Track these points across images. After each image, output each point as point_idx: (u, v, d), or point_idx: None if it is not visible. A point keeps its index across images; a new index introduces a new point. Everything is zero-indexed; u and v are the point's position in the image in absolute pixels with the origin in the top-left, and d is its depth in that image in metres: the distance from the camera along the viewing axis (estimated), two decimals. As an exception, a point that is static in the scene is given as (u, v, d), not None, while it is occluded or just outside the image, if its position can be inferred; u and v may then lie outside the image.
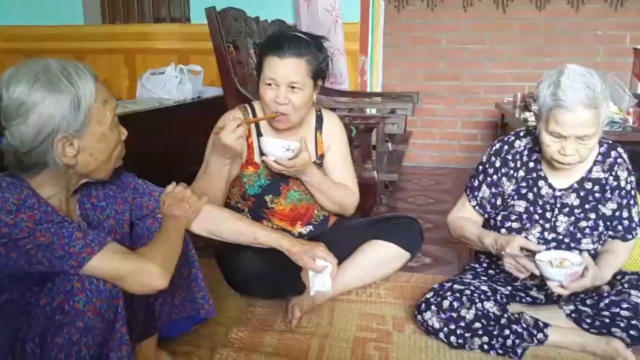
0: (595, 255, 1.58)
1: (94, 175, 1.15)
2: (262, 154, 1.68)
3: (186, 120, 3.16)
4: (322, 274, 1.47)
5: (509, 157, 1.66)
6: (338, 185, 1.85)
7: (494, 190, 1.68)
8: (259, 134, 1.77)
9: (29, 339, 1.03)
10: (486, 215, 1.73)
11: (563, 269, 1.44)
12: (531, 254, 1.50)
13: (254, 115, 1.79)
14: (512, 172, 1.65)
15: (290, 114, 1.66)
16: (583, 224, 1.59)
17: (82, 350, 1.01)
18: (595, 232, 1.59)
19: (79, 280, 1.02)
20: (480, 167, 1.71)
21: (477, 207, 1.72)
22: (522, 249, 1.51)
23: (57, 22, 4.23)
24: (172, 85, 3.28)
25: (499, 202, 1.68)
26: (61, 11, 4.23)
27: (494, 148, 1.70)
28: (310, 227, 1.87)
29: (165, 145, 2.91)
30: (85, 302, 1.02)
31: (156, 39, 4.17)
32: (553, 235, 1.60)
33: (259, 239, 1.47)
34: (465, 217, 1.74)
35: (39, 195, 1.07)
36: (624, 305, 1.50)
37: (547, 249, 1.57)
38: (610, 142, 1.64)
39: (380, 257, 1.90)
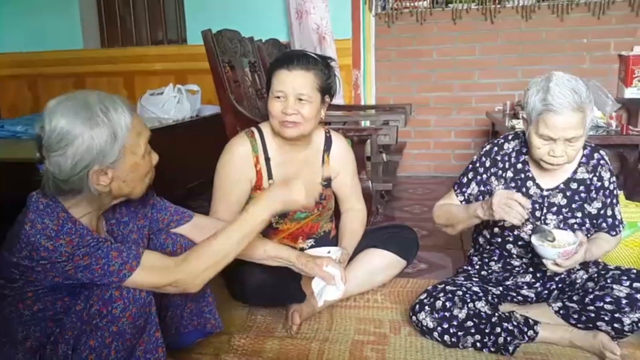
0: None
1: (131, 196, 1.23)
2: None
3: (185, 138, 3.24)
4: (331, 285, 1.56)
5: (498, 157, 1.73)
6: (353, 236, 1.95)
7: (482, 188, 1.74)
8: (267, 159, 1.82)
9: (63, 341, 1.10)
10: None
11: (557, 248, 1.50)
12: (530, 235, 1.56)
13: (262, 138, 1.83)
14: (500, 172, 1.72)
15: (300, 122, 1.72)
16: (571, 221, 1.66)
17: (111, 354, 1.10)
18: (584, 228, 1.66)
19: (117, 289, 1.11)
20: (471, 166, 1.78)
21: (463, 203, 1.77)
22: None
23: (58, 47, 4.34)
24: (171, 105, 3.37)
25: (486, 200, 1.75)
26: (61, 37, 4.34)
27: (484, 149, 1.77)
28: (312, 242, 1.93)
29: (166, 162, 2.97)
30: (123, 308, 1.11)
31: (154, 60, 4.27)
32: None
33: (269, 253, 1.53)
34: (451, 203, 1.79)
35: (73, 217, 1.13)
36: (608, 300, 1.56)
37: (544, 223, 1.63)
38: (593, 145, 1.71)
39: (377, 265, 1.98)
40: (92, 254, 1.10)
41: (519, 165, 1.70)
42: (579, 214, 1.66)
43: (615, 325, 1.56)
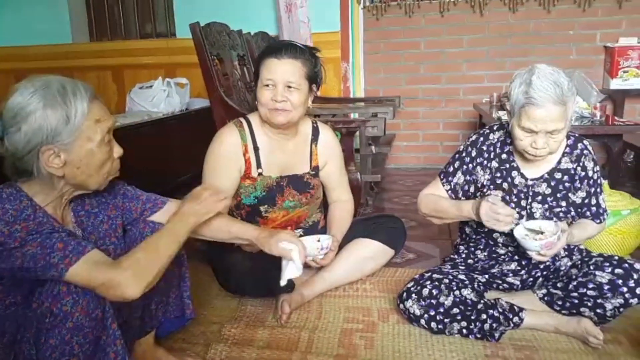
0: None
1: (84, 187, 1.21)
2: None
3: (175, 131, 3.25)
4: (292, 262, 1.50)
5: (484, 147, 1.75)
6: (342, 223, 1.98)
7: (468, 177, 1.77)
8: (256, 148, 1.85)
9: (25, 340, 1.09)
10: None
11: (539, 241, 1.54)
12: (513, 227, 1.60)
13: (250, 128, 1.86)
14: (486, 162, 1.74)
15: (289, 109, 1.75)
16: (556, 210, 1.69)
17: (74, 348, 1.07)
18: (569, 216, 1.70)
19: (64, 285, 1.08)
20: (457, 155, 1.80)
21: (449, 192, 1.79)
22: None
23: (46, 42, 4.31)
24: (160, 98, 3.37)
25: (471, 189, 1.77)
26: (50, 31, 4.32)
27: (470, 139, 1.79)
28: (301, 231, 1.95)
29: (156, 156, 2.99)
30: (73, 304, 1.08)
31: (143, 54, 4.26)
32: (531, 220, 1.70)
33: (233, 232, 1.51)
34: (438, 194, 1.82)
35: (36, 204, 1.14)
36: (590, 286, 1.60)
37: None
38: (576, 135, 1.74)
39: (365, 254, 2.00)
40: (40, 242, 1.07)
41: (504, 156, 1.73)
42: (564, 203, 1.69)
43: (598, 310, 1.60)
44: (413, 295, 1.68)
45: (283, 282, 1.55)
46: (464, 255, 1.86)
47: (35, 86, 1.11)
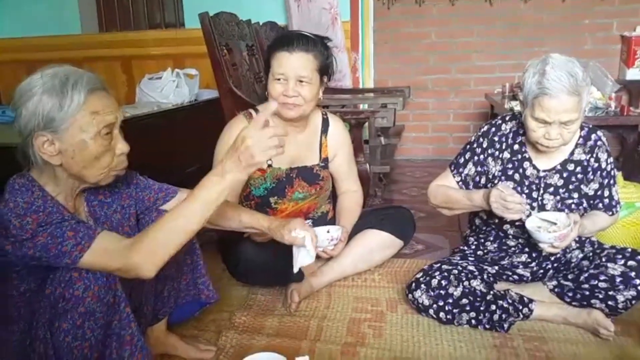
0: None
1: (82, 179, 1.20)
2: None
3: (184, 122, 3.25)
4: (303, 248, 1.51)
5: (496, 138, 1.73)
6: (351, 214, 1.97)
7: (479, 168, 1.75)
8: None
9: (40, 325, 1.11)
10: None
11: (552, 233, 1.53)
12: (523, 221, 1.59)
13: None
14: (497, 153, 1.73)
15: (301, 104, 1.74)
16: (568, 201, 1.67)
17: (86, 333, 1.09)
18: (581, 208, 1.68)
19: (76, 270, 1.10)
20: (468, 146, 1.79)
21: (460, 183, 1.78)
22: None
23: (56, 33, 4.32)
24: (169, 89, 3.37)
25: (482, 180, 1.75)
26: (59, 21, 4.32)
27: (482, 130, 1.78)
28: (310, 222, 1.95)
29: (165, 147, 2.99)
30: (84, 289, 1.10)
31: (152, 45, 4.25)
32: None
33: (244, 222, 1.52)
34: (449, 185, 1.80)
35: (47, 194, 1.15)
36: (602, 278, 1.59)
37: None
38: (590, 126, 1.71)
39: (374, 245, 2.00)
40: (50, 232, 1.09)
41: (516, 147, 1.71)
42: (576, 195, 1.68)
43: (609, 302, 1.59)
44: (422, 285, 1.68)
45: (295, 269, 1.56)
46: (473, 247, 1.85)
47: (43, 74, 1.13)
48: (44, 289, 1.13)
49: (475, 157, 1.76)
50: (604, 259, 1.63)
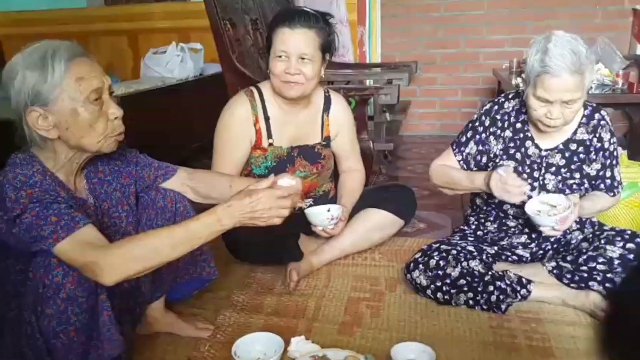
0: None
1: (83, 149, 1.20)
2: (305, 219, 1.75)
3: (189, 97, 3.25)
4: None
5: (498, 117, 1.71)
6: (352, 193, 1.98)
7: (480, 147, 1.73)
8: (267, 118, 1.83)
9: (27, 308, 1.12)
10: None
11: (553, 216, 1.52)
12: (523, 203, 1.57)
13: (261, 97, 1.83)
14: (499, 131, 1.71)
15: (303, 82, 1.72)
16: (570, 182, 1.66)
17: (70, 318, 1.09)
18: (582, 188, 1.67)
19: (55, 256, 1.09)
20: (470, 125, 1.77)
21: (461, 162, 1.76)
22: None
23: (60, 6, 4.29)
24: (174, 64, 3.36)
25: (484, 159, 1.73)
26: (65, -6, 4.30)
27: (484, 108, 1.75)
28: (311, 201, 1.94)
29: (170, 122, 3.00)
30: (63, 275, 1.09)
31: (157, 18, 4.22)
32: (543, 192, 1.66)
33: (235, 187, 1.45)
34: (450, 165, 1.79)
35: (47, 170, 1.16)
36: (600, 260, 1.58)
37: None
38: (594, 105, 1.68)
39: (374, 224, 2.00)
40: (39, 212, 1.08)
41: (518, 125, 1.69)
42: (578, 175, 1.66)
43: (607, 285, 1.58)
44: (420, 265, 1.69)
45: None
46: (473, 227, 1.85)
47: (23, 52, 1.13)
48: (28, 273, 1.12)
49: (477, 136, 1.73)
50: (603, 241, 1.62)
